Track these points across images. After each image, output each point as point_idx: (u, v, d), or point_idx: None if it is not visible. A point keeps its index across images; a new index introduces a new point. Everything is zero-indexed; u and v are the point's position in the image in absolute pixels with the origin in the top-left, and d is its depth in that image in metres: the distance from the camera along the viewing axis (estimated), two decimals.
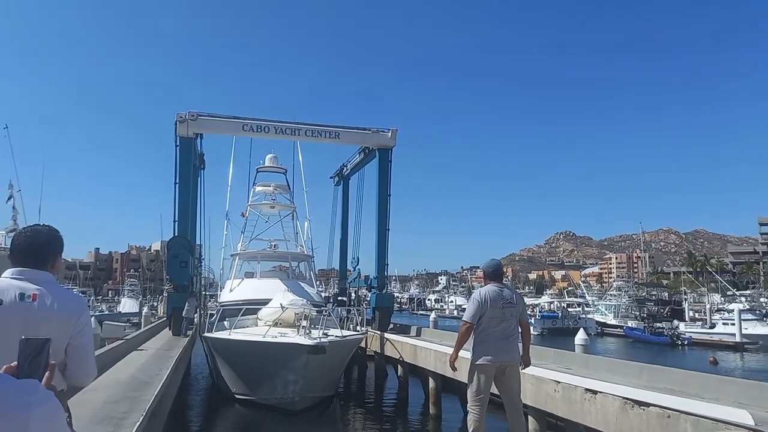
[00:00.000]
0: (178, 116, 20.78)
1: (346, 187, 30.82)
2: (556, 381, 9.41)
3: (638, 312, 58.31)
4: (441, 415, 15.20)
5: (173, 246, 20.11)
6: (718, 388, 8.33)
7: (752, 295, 70.90)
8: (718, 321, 47.89)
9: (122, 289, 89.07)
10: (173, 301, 20.21)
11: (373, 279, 23.77)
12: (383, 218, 23.53)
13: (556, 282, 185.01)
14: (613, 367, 11.05)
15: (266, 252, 24.46)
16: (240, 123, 22.28)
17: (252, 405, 15.78)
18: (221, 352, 16.75)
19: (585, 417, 8.56)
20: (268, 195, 26.37)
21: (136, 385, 8.64)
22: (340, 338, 15.82)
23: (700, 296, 71.14)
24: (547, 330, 52.55)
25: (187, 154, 21.34)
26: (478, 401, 5.48)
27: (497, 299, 5.56)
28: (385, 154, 23.49)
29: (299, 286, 21.49)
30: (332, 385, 16.91)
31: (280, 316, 16.64)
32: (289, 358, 14.23)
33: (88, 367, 2.67)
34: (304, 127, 22.88)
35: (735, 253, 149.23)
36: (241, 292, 21.19)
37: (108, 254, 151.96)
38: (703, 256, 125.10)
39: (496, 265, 5.83)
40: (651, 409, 7.25)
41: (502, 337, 5.53)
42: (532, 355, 13.01)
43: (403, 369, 18.17)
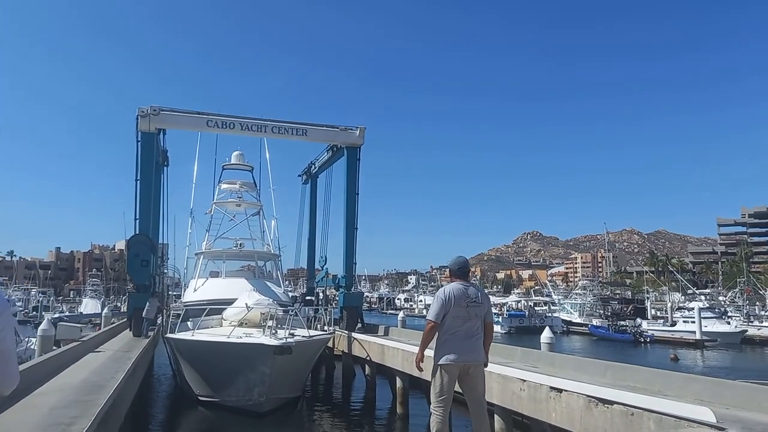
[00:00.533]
0: (140, 111, 20.20)
1: (314, 185, 30.53)
2: (521, 379, 9.37)
3: (602, 310, 59.48)
4: (408, 414, 15.13)
5: (134, 244, 19.51)
6: (681, 385, 8.40)
7: (711, 293, 73.22)
8: (678, 319, 49.20)
9: (84, 290, 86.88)
10: (134, 301, 19.62)
11: (341, 278, 23.56)
12: (351, 217, 23.32)
13: (524, 281, 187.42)
14: (579, 365, 11.11)
15: (232, 251, 24.01)
16: (204, 118, 21.78)
17: (216, 407, 15.43)
18: (184, 353, 16.33)
19: (550, 415, 8.54)
20: (234, 193, 25.94)
21: (89, 389, 8.26)
22: (307, 338, 15.57)
23: (662, 295, 72.98)
24: (515, 328, 53.13)
25: (149, 150, 20.75)
26: (441, 402, 5.34)
27: (462, 298, 5.41)
28: (354, 152, 23.31)
29: (265, 286, 21.13)
30: (299, 385, 16.67)
31: (246, 316, 16.34)
32: (254, 358, 13.95)
33: (9, 373, 2.39)
34: (271, 124, 22.50)
35: (695, 253, 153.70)
36: (206, 292, 20.75)
37: (70, 253, 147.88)
38: (664, 256, 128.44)
39: (462, 262, 5.68)
40: (615, 407, 7.25)
41: (466, 336, 5.39)
42: (498, 353, 13.15)
43: (371, 369, 18.03)
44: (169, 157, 27.18)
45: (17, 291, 77.95)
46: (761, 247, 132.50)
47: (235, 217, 26.15)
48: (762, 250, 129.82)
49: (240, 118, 22.36)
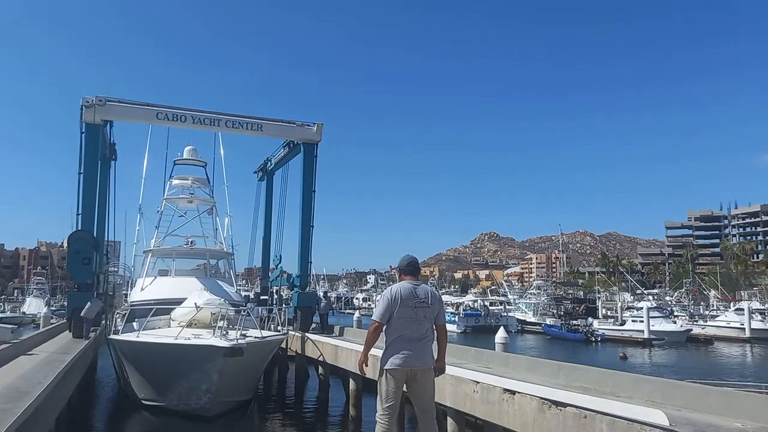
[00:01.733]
0: (84, 101, 19.24)
1: (270, 182, 29.93)
2: (475, 381, 9.20)
3: (556, 310, 60.72)
4: (361, 416, 14.90)
5: (75, 241, 18.55)
6: (633, 386, 8.37)
7: (659, 294, 75.84)
8: (628, 318, 50.59)
9: (28, 288, 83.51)
10: (75, 301, 18.68)
11: (296, 278, 23.06)
12: (307, 214, 22.87)
13: (481, 281, 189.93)
14: (532, 365, 11.04)
15: (182, 249, 23.22)
16: (154, 110, 20.88)
17: (162, 412, 14.93)
18: (128, 355, 15.74)
19: (503, 418, 8.38)
20: (185, 189, 25.16)
21: (11, 396, 7.61)
22: (260, 339, 15.19)
23: (612, 295, 75.10)
24: (470, 328, 53.65)
25: (94, 142, 19.78)
26: (387, 410, 5.02)
27: (409, 298, 5.09)
28: (311, 148, 22.84)
29: (217, 285, 20.51)
30: (250, 388, 16.27)
31: (195, 316, 15.80)
32: (203, 360, 13.51)
33: None
34: (225, 118, 21.80)
35: (644, 254, 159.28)
36: (153, 291, 20.03)
37: (14, 250, 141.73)
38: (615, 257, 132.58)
39: (411, 259, 5.35)
40: (568, 410, 7.12)
41: (414, 339, 5.08)
42: (452, 354, 12.90)
43: (324, 370, 17.76)
44: (117, 150, 26.09)
45: None
46: (706, 249, 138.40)
47: (187, 214, 25.34)
48: (707, 252, 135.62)
49: (192, 111, 21.57)
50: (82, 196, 19.60)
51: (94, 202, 20.33)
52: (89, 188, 19.74)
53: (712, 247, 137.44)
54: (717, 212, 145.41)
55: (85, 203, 19.62)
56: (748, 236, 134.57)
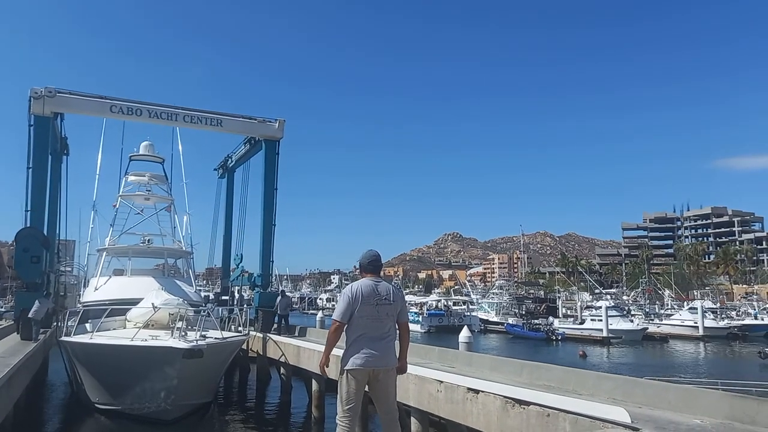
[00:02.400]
0: (33, 92, 18.38)
1: (230, 179, 29.37)
2: (438, 381, 9.13)
3: (518, 309, 61.58)
4: (324, 418, 14.73)
5: (23, 238, 17.74)
6: (594, 384, 8.42)
7: (616, 293, 77.77)
8: (587, 317, 51.66)
9: None
10: (22, 301, 17.89)
11: (257, 277, 22.60)
12: (269, 213, 22.44)
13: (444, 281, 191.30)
14: (495, 364, 11.04)
15: (138, 247, 22.54)
16: (108, 103, 20.09)
17: (117, 416, 14.50)
18: (81, 357, 15.17)
19: (467, 417, 8.32)
20: (142, 185, 24.46)
21: None
22: (220, 340, 14.88)
23: (572, 294, 76.72)
24: (434, 327, 53.91)
25: (43, 136, 18.93)
26: (348, 412, 4.81)
27: (371, 295, 4.91)
28: (272, 145, 22.43)
29: (175, 285, 20.00)
30: (210, 390, 15.92)
31: (152, 317, 15.39)
32: (161, 362, 13.16)
33: None
34: (183, 113, 21.17)
35: (602, 255, 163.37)
36: (108, 291, 19.40)
37: None
38: (574, 257, 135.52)
39: (373, 256, 5.15)
40: (531, 408, 7.09)
41: (376, 338, 4.89)
42: (416, 353, 12.84)
43: (287, 371, 17.52)
44: (69, 145, 25.09)
45: None
46: (660, 250, 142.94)
47: (144, 212, 24.59)
48: (661, 253, 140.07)
49: (148, 105, 20.85)
50: (31, 192, 18.76)
51: (45, 199, 19.50)
52: (39, 184, 18.91)
53: (666, 248, 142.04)
54: (671, 214, 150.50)
55: (35, 199, 18.78)
56: (699, 237, 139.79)
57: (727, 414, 6.56)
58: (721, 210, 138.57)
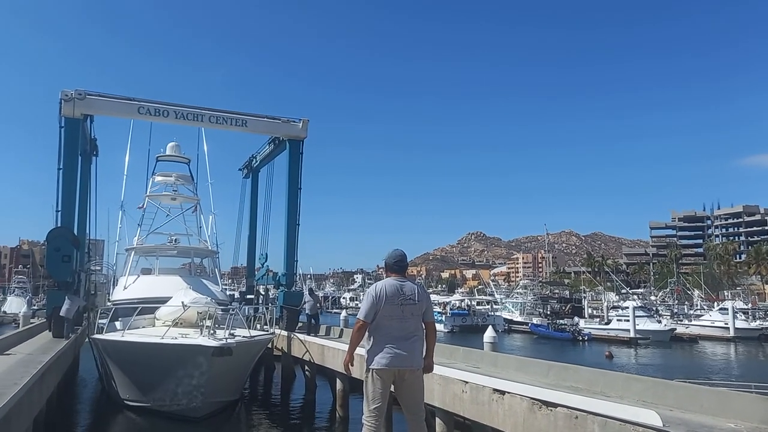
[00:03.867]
0: (63, 94, 18.75)
1: (255, 179, 29.54)
2: (464, 381, 9.04)
3: (542, 309, 60.91)
4: (349, 417, 14.70)
5: (54, 238, 18.08)
6: (623, 386, 8.27)
7: (644, 293, 76.43)
8: (613, 317, 50.82)
9: (9, 287, 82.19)
10: (54, 300, 18.21)
11: (282, 276, 22.72)
12: (293, 212, 22.52)
13: (467, 281, 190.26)
14: (521, 365, 10.91)
15: (165, 247, 22.85)
16: (135, 105, 20.40)
17: (147, 413, 14.68)
18: (112, 355, 15.41)
19: (493, 419, 8.23)
20: (168, 186, 24.74)
21: None
22: (248, 339, 14.92)
23: (598, 294, 75.61)
24: (458, 327, 53.67)
25: (74, 137, 19.30)
26: (374, 412, 4.79)
27: (395, 295, 4.87)
28: (296, 145, 22.52)
29: (202, 284, 20.18)
30: (237, 388, 16.05)
31: (181, 315, 15.57)
32: (191, 360, 13.28)
33: None
34: (208, 113, 21.38)
35: (629, 254, 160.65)
36: (137, 290, 19.64)
37: None
38: (600, 257, 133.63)
39: (399, 255, 5.10)
40: (559, 410, 6.98)
41: (401, 338, 4.86)
42: (440, 353, 12.76)
43: (311, 370, 17.53)
44: (98, 146, 25.57)
45: None
46: (690, 249, 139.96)
47: (170, 212, 24.91)
48: (690, 252, 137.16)
49: (175, 106, 21.10)
50: (61, 193, 19.14)
51: (75, 199, 19.87)
52: (69, 184, 19.28)
53: (696, 248, 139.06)
54: (700, 213, 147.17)
55: (65, 200, 19.16)
56: (730, 236, 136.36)
57: (762, 418, 6.38)
58: (753, 208, 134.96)
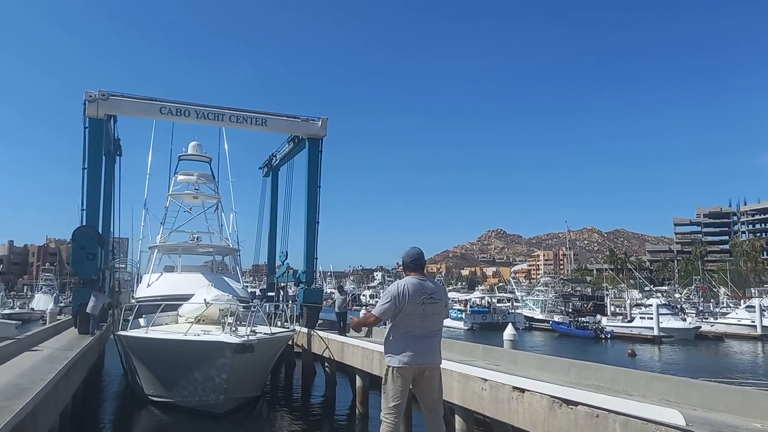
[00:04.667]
0: (87, 95, 19.10)
1: (275, 178, 29.75)
2: (483, 379, 8.99)
3: (564, 307, 60.32)
4: (368, 414, 14.70)
5: (79, 236, 18.44)
6: (646, 385, 8.15)
7: (668, 291, 75.16)
8: (636, 315, 50.12)
9: (37, 285, 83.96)
10: (80, 297, 18.58)
11: (302, 274, 22.86)
12: (312, 210, 22.64)
13: (488, 278, 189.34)
14: (542, 363, 10.82)
15: (188, 245, 23.16)
16: (158, 105, 20.71)
17: (170, 408, 14.83)
18: (136, 351, 15.62)
19: (512, 417, 8.17)
20: (190, 184, 25.04)
21: (10, 393, 7.47)
22: (269, 336, 15.01)
23: (621, 292, 74.55)
24: (478, 325, 53.38)
25: (98, 137, 19.65)
26: (393, 409, 4.80)
27: (418, 294, 4.84)
28: (315, 143, 22.62)
29: (223, 281, 20.40)
30: (259, 385, 16.14)
31: (204, 312, 15.71)
32: (214, 357, 13.37)
33: None
34: (229, 113, 21.60)
35: (652, 251, 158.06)
36: (160, 287, 19.91)
37: (23, 247, 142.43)
38: (623, 254, 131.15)
39: (416, 253, 5.05)
40: (579, 409, 6.90)
41: (422, 336, 4.84)
42: (460, 351, 12.80)
43: (331, 367, 17.58)
44: (121, 146, 25.98)
45: None
46: (715, 246, 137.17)
47: (192, 210, 25.26)
48: (716, 249, 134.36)
49: (196, 106, 21.37)
50: (86, 192, 19.51)
51: (99, 198, 20.22)
52: (93, 184, 19.64)
53: (721, 244, 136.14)
54: (726, 209, 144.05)
55: (90, 199, 19.52)
56: (757, 233, 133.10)
57: None
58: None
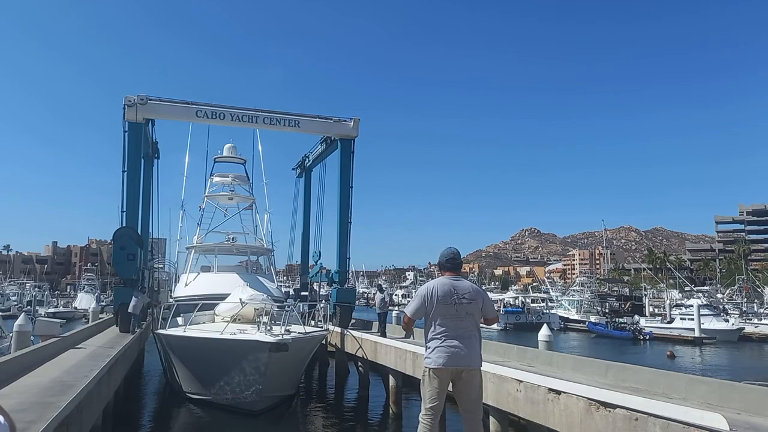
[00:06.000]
0: (127, 100, 19.63)
1: (308, 178, 30.02)
2: (518, 380, 8.90)
3: (600, 307, 59.08)
4: (401, 414, 14.73)
5: (119, 237, 18.97)
6: (687, 387, 7.94)
7: (709, 291, 72.87)
8: (676, 316, 48.78)
9: (79, 284, 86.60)
10: (120, 296, 19.12)
11: (335, 273, 23.02)
12: (345, 211, 22.78)
13: (521, 278, 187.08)
14: (578, 365, 10.63)
15: (224, 245, 23.54)
16: (193, 108, 21.15)
17: (208, 405, 15.06)
18: (175, 349, 15.93)
19: (548, 419, 8.07)
20: (226, 186, 25.50)
21: (56, 389, 7.75)
22: (303, 335, 15.14)
23: (660, 292, 72.68)
24: (511, 325, 52.77)
25: (137, 141, 20.20)
26: (430, 410, 4.79)
27: (448, 294, 4.83)
28: (348, 144, 22.75)
29: (258, 281, 20.69)
30: (293, 383, 16.27)
31: (239, 311, 15.88)
32: (249, 355, 13.55)
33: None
34: (262, 115, 21.90)
35: (693, 250, 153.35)
36: (197, 287, 20.30)
37: (67, 248, 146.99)
38: (662, 253, 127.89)
39: (452, 253, 5.04)
40: (617, 412, 6.77)
41: (457, 337, 4.81)
42: (494, 351, 12.67)
43: (364, 366, 17.63)
44: (159, 149, 26.61)
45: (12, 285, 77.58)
46: (759, 244, 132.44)
47: (228, 211, 25.70)
48: (760, 248, 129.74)
49: (231, 109, 21.76)
50: (126, 194, 20.04)
51: (138, 200, 20.74)
52: (133, 186, 20.17)
53: (766, 243, 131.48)
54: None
55: (130, 201, 20.04)
56: None
57: None
58: None
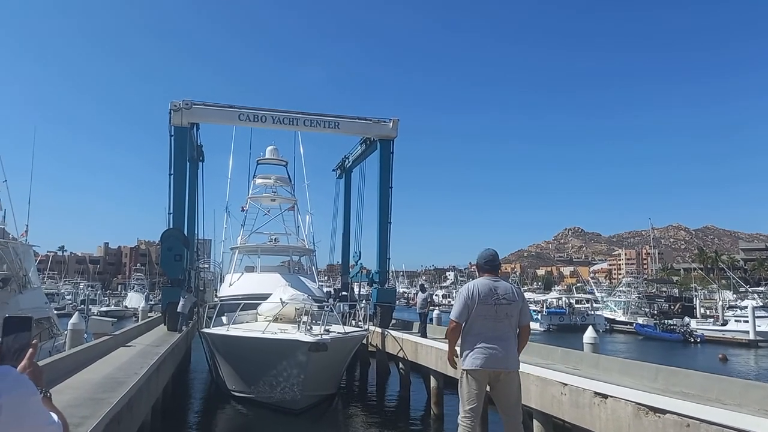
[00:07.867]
0: (172, 105, 20.19)
1: (348, 179, 30.20)
2: (562, 383, 8.71)
3: (648, 308, 57.37)
4: (443, 415, 14.64)
5: (167, 239, 19.52)
6: (742, 393, 7.60)
7: (765, 292, 69.69)
8: (730, 318, 46.91)
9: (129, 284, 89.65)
10: (168, 296, 19.65)
11: (375, 273, 23.09)
12: (384, 211, 22.81)
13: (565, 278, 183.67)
14: (626, 368, 10.33)
15: (266, 246, 23.95)
16: (236, 112, 21.59)
17: (251, 403, 15.31)
18: (219, 348, 16.26)
19: (594, 423, 7.87)
20: (268, 188, 25.91)
21: (108, 386, 8.01)
22: (343, 335, 15.24)
23: (711, 293, 69.93)
24: (554, 326, 51.83)
25: (182, 144, 20.75)
26: (469, 412, 4.76)
27: (489, 295, 4.81)
28: (387, 144, 22.77)
29: (299, 281, 20.92)
30: (334, 383, 16.38)
31: (281, 311, 16.12)
32: (289, 355, 13.71)
33: None
34: (303, 117, 22.16)
35: (746, 249, 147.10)
36: (241, 287, 20.68)
37: (117, 249, 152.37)
38: (714, 252, 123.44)
39: (490, 255, 5.04)
40: (668, 417, 6.55)
41: (495, 338, 4.78)
42: (537, 353, 12.48)
43: (405, 367, 17.61)
44: (204, 152, 27.28)
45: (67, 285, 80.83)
46: None
47: (270, 212, 26.14)
48: None
49: (272, 111, 22.13)
50: (173, 197, 20.62)
51: (184, 202, 21.27)
52: (179, 188, 20.72)
53: None
54: None
55: (176, 203, 20.60)
56: None
57: None
58: None
